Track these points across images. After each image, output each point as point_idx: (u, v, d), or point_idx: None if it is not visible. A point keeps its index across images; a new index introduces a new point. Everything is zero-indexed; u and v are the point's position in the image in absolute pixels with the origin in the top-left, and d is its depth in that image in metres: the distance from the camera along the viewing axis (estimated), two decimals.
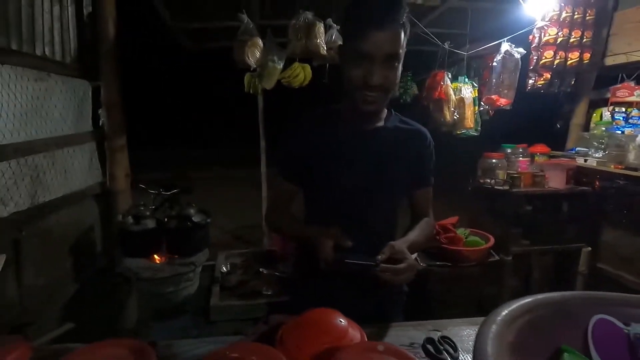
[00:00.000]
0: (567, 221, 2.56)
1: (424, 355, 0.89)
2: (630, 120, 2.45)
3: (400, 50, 0.91)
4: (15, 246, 1.45)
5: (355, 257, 0.86)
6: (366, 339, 0.59)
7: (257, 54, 2.12)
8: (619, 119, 2.51)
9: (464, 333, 1.06)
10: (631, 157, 2.24)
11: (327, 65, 2.49)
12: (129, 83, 2.40)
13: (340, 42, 2.24)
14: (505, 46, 2.51)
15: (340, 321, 0.61)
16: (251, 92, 2.75)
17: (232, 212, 5.21)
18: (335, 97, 1.13)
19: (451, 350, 0.90)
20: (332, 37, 2.19)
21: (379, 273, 0.86)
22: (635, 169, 2.19)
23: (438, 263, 2.32)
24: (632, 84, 2.47)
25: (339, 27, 2.23)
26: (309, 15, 2.13)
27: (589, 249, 2.58)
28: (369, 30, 0.87)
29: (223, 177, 8.20)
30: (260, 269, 2.27)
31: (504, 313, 0.49)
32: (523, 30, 2.50)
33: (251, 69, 2.35)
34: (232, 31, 3.00)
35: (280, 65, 2.19)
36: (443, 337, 0.99)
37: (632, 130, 2.38)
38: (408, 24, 0.94)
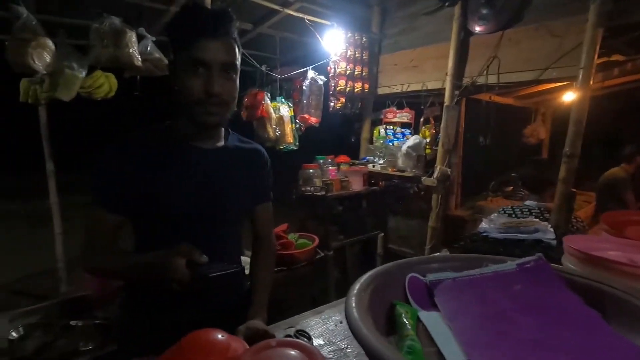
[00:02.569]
0: (367, 215, 3.24)
1: None
2: (396, 135, 3.33)
3: (237, 62, 0.92)
4: None
5: (216, 268, 0.80)
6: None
7: (47, 58, 1.71)
8: (390, 134, 3.38)
9: (313, 322, 1.21)
10: (400, 162, 3.05)
11: (139, 77, 2.29)
12: None
13: (157, 55, 2.12)
14: (310, 73, 2.96)
15: (221, 336, 0.60)
16: (29, 102, 2.21)
17: (6, 262, 3.91)
18: (149, 112, 1.04)
19: (306, 340, 1.02)
20: (146, 48, 2.03)
21: None
22: (403, 171, 3.00)
23: (275, 269, 2.48)
24: (395, 108, 3.38)
25: (154, 38, 2.09)
26: (116, 20, 1.91)
27: (382, 234, 3.33)
28: (203, 39, 0.86)
29: None
30: (71, 322, 1.83)
31: (357, 287, 0.62)
32: (322, 62, 3.02)
33: (34, 75, 1.89)
34: None
35: (82, 74, 1.85)
36: (298, 331, 1.11)
37: (398, 143, 3.24)
38: (239, 41, 0.95)
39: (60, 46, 1.80)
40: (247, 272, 1.24)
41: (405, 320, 0.57)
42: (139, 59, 1.97)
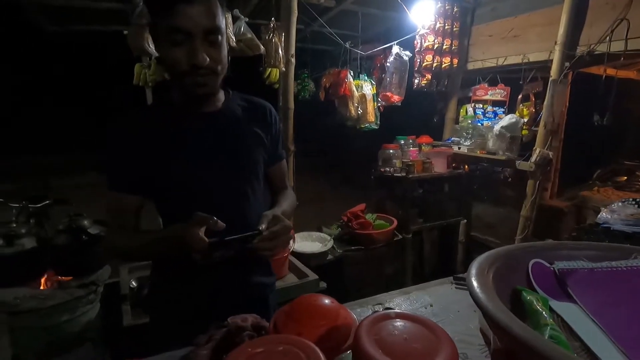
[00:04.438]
0: (449, 199, 3.06)
1: None
2: (487, 115, 3.05)
3: (221, 24, 0.84)
4: None
5: (233, 234, 0.78)
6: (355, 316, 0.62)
7: None
8: (479, 113, 3.10)
9: (401, 301, 1.19)
10: (490, 144, 2.80)
11: (230, 57, 2.41)
12: None
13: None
14: (395, 49, 2.83)
15: (330, 302, 0.62)
16: (140, 84, 2.49)
17: None
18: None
19: None
20: (240, 29, 2.11)
21: (257, 244, 0.82)
22: (494, 153, 2.75)
23: (352, 248, 2.50)
24: (486, 85, 3.08)
25: (247, 19, 2.17)
26: None
27: (465, 221, 3.13)
28: (181, 4, 0.78)
29: (104, 185, 6.99)
30: None
31: (475, 266, 0.57)
32: (409, 36, 2.86)
33: (150, 58, 2.12)
34: (105, 13, 2.63)
35: None
36: (386, 309, 1.10)
37: (489, 123, 2.97)
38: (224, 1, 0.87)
39: None
40: None
41: (538, 307, 0.51)
42: (234, 39, 2.06)
